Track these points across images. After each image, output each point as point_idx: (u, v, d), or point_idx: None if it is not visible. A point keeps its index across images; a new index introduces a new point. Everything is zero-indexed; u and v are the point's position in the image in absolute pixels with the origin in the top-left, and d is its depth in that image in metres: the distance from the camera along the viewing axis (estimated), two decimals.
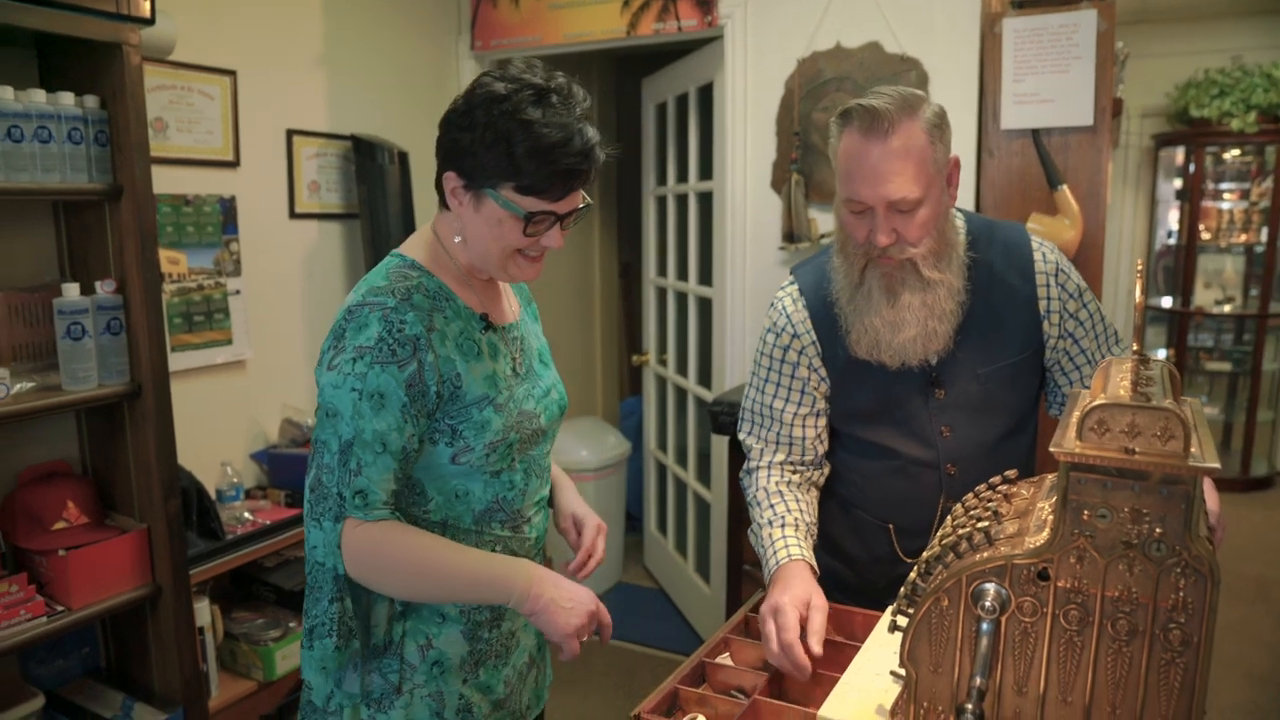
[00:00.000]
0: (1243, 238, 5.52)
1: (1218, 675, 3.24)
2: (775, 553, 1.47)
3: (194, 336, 2.49)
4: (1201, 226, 5.55)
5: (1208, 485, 1.27)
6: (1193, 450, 0.92)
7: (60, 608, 1.90)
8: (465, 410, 1.23)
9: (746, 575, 2.87)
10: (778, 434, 1.60)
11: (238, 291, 2.60)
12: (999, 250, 1.51)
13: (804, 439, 1.59)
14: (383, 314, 1.18)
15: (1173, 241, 5.79)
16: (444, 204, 1.28)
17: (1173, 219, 5.82)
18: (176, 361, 2.38)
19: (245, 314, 2.63)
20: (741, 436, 1.67)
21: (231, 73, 2.55)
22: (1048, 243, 1.56)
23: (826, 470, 1.65)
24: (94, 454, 2.16)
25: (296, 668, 2.41)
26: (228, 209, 2.56)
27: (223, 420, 2.62)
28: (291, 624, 2.43)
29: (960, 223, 1.52)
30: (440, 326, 1.22)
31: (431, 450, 1.24)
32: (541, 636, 1.45)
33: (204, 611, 2.23)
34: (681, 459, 3.87)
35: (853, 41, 2.79)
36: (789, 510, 1.53)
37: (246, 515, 2.38)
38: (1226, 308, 5.60)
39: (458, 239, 1.27)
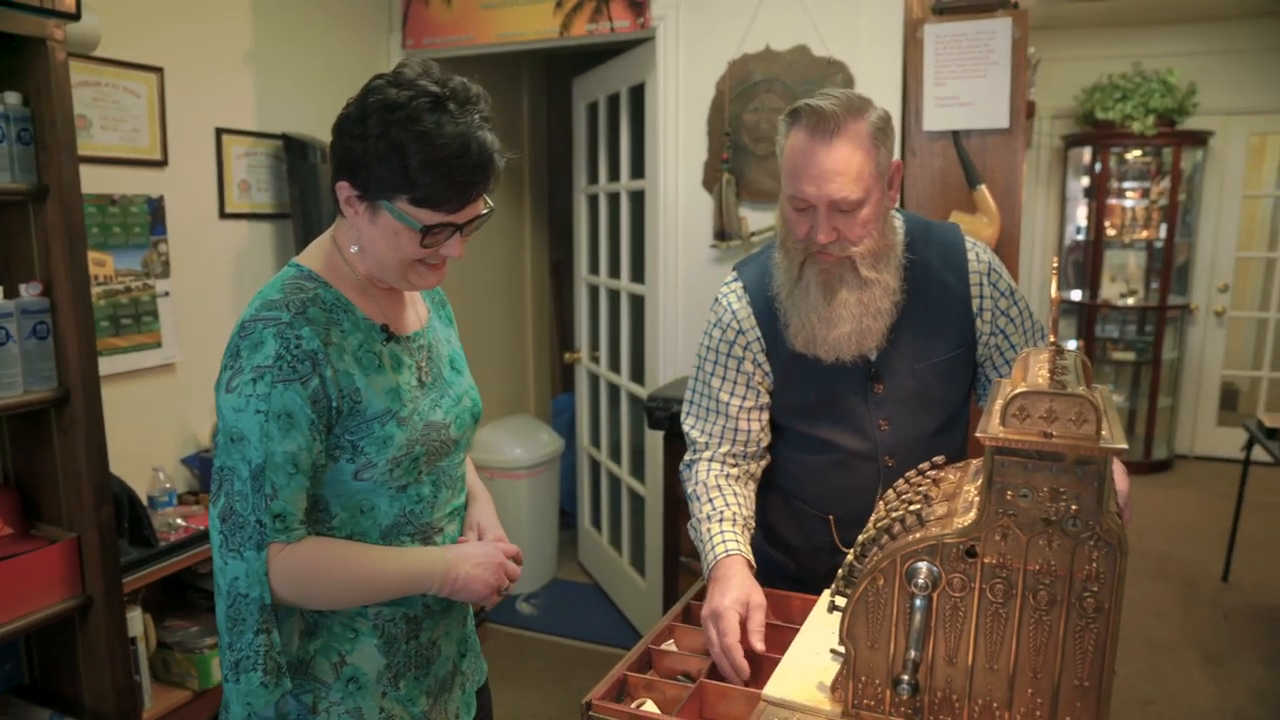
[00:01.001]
0: (1144, 234, 5.82)
1: (1122, 645, 3.43)
2: (713, 548, 1.51)
3: (122, 340, 2.43)
4: (1107, 223, 5.83)
5: (1117, 467, 1.36)
6: (1103, 433, 1.00)
7: None
8: (366, 425, 1.20)
9: (683, 567, 2.93)
10: (723, 427, 1.64)
11: (167, 293, 2.55)
12: (935, 250, 1.58)
13: (749, 431, 1.64)
14: (277, 330, 1.14)
15: (1081, 237, 6.06)
16: (341, 211, 1.23)
17: (1081, 215, 6.09)
18: (104, 366, 2.32)
19: (174, 316, 2.58)
20: (686, 429, 1.69)
21: (158, 70, 2.50)
22: (980, 243, 1.62)
23: (766, 461, 1.69)
24: (17, 462, 2.09)
25: None
26: (156, 209, 2.51)
27: (153, 425, 2.57)
28: None
29: (899, 224, 1.57)
30: (338, 340, 1.19)
31: (333, 467, 1.21)
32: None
33: (136, 621, 2.19)
34: (615, 455, 3.92)
35: (781, 44, 2.86)
36: (726, 504, 1.56)
37: (179, 521, 2.34)
38: (1130, 300, 5.89)
39: (354, 249, 1.23)
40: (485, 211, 1.23)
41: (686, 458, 1.68)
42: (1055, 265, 1.18)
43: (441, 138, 1.13)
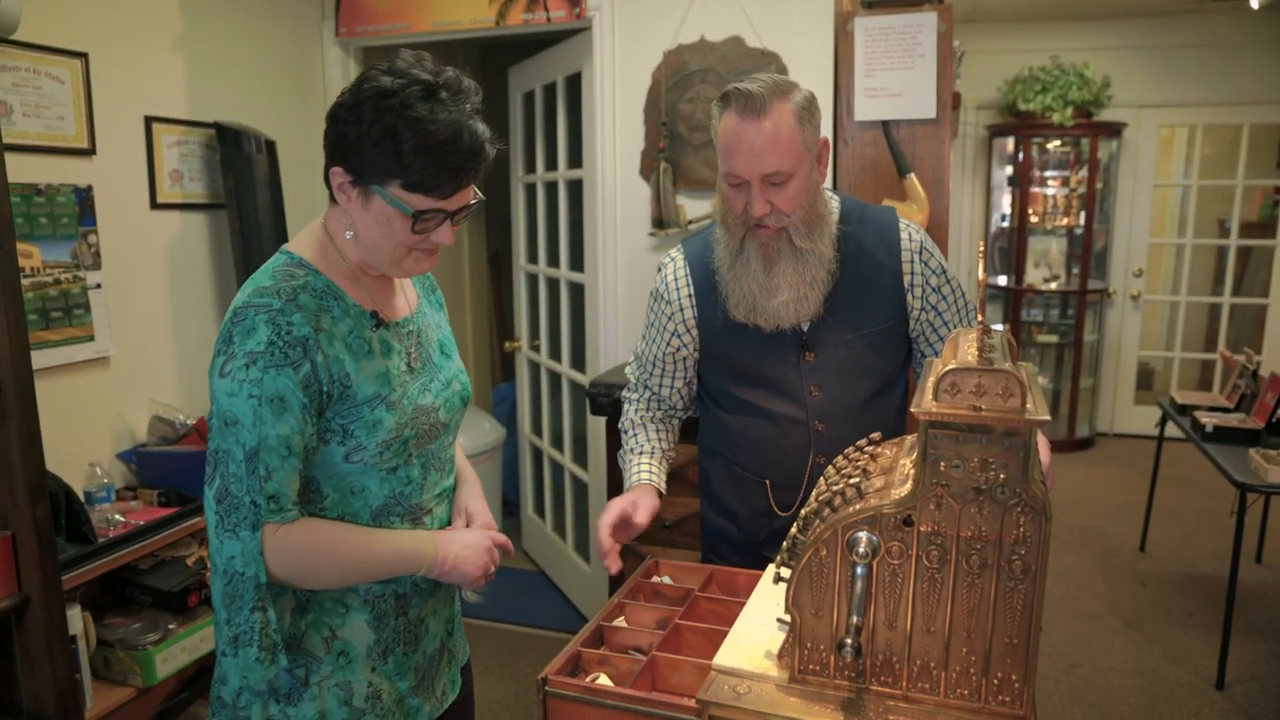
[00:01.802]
0: (1065, 221, 6.04)
1: (1048, 614, 3.59)
2: (632, 475, 1.75)
3: (52, 334, 2.37)
4: (1030, 210, 6.03)
5: (1040, 440, 1.44)
6: (1028, 406, 1.07)
7: None
8: (356, 409, 1.23)
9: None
10: (646, 384, 1.86)
11: (98, 285, 2.49)
12: (869, 229, 1.67)
13: (664, 397, 1.85)
14: (269, 316, 1.17)
15: (1006, 224, 6.27)
16: (334, 199, 1.26)
17: (1005, 203, 6.29)
18: (34, 360, 2.26)
19: (107, 308, 2.52)
20: (627, 371, 1.92)
21: (83, 55, 2.43)
22: (914, 224, 1.72)
23: (688, 414, 1.90)
24: None
25: (178, 670, 2.35)
26: (84, 199, 2.44)
27: (88, 420, 2.51)
28: (171, 625, 2.36)
29: (835, 203, 1.67)
30: (328, 327, 1.22)
31: (324, 449, 1.24)
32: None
33: (75, 619, 2.15)
34: (557, 442, 3.94)
35: (716, 35, 2.91)
36: (647, 440, 1.80)
37: (118, 517, 2.30)
38: (1053, 285, 6.12)
39: (348, 234, 1.25)
40: (475, 201, 1.26)
41: (624, 392, 1.92)
42: (981, 249, 1.24)
43: (434, 124, 1.16)
